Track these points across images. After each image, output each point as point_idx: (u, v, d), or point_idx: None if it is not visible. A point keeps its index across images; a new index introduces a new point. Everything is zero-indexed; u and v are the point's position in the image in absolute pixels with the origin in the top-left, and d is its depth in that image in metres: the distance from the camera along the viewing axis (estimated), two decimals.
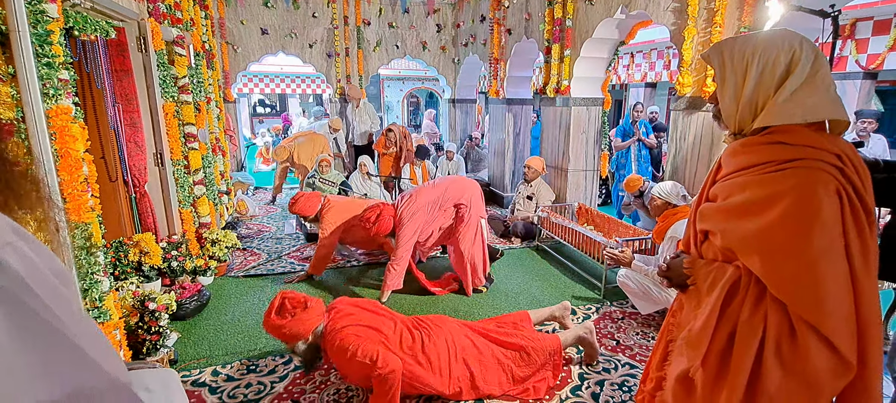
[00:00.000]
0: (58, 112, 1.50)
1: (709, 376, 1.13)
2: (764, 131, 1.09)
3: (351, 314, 2.09)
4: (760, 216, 1.03)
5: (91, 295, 1.67)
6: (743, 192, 1.08)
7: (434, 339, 2.14)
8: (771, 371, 1.04)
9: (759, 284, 1.06)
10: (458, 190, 3.27)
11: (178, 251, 3.24)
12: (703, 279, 1.17)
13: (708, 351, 1.13)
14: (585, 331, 2.47)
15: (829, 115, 1.04)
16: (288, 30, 6.66)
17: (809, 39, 1.07)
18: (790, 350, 1.02)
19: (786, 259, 1.00)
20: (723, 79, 1.15)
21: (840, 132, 1.09)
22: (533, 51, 5.40)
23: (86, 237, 1.61)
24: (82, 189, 1.60)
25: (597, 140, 4.66)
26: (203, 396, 2.24)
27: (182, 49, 3.39)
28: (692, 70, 3.09)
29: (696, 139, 3.13)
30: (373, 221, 3.13)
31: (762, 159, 1.07)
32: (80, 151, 1.61)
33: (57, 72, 1.52)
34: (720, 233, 1.13)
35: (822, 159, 1.00)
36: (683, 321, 1.26)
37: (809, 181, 0.98)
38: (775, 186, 1.02)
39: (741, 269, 1.09)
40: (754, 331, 1.05)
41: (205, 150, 3.80)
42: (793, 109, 1.03)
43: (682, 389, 1.20)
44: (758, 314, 1.06)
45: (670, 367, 1.28)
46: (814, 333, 0.99)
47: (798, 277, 0.99)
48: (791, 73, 1.04)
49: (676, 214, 2.74)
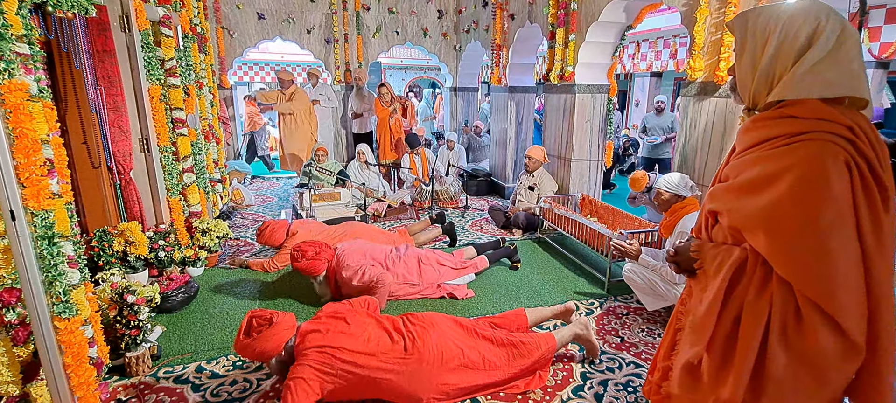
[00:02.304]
0: (11, 88, 1.36)
1: (714, 362, 1.10)
2: (777, 106, 1.04)
3: (317, 331, 1.97)
4: (766, 192, 0.99)
5: (55, 288, 1.55)
6: (751, 169, 1.04)
7: (419, 343, 2.01)
8: (776, 355, 1.00)
9: (765, 265, 1.01)
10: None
11: (165, 240, 3.12)
12: (710, 261, 1.13)
13: (713, 336, 1.09)
14: (581, 328, 2.34)
15: (846, 91, 0.98)
16: (285, 14, 6.49)
17: (839, 13, 0.99)
18: (796, 333, 0.98)
19: (791, 235, 0.95)
20: (742, 47, 1.10)
21: (859, 110, 1.01)
22: (536, 36, 5.22)
23: (47, 225, 1.49)
24: (42, 173, 1.47)
25: (602, 128, 4.50)
26: (185, 394, 2.13)
27: (169, 30, 3.24)
28: (704, 54, 2.93)
29: (707, 127, 2.97)
30: (305, 256, 2.85)
31: (772, 134, 1.02)
32: (40, 132, 1.48)
33: (11, 44, 1.38)
34: (727, 213, 1.09)
35: (832, 131, 0.95)
36: (692, 308, 1.22)
37: (817, 153, 0.94)
38: (782, 161, 0.98)
39: (748, 250, 1.05)
40: (760, 314, 1.02)
41: (195, 137, 3.67)
42: (809, 83, 0.98)
43: (688, 377, 1.17)
44: (763, 296, 1.02)
45: (677, 356, 1.24)
46: (819, 313, 0.94)
47: (804, 254, 0.94)
48: (812, 46, 0.98)
49: (685, 208, 2.60)
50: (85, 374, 1.68)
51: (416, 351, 1.98)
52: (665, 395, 1.26)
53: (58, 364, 1.60)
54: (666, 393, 1.26)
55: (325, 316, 2.10)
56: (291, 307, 2.98)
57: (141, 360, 2.23)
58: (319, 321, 2.06)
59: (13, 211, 1.39)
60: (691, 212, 2.56)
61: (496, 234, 4.51)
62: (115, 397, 2.10)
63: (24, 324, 1.59)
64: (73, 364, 1.63)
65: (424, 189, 5.41)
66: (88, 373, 1.70)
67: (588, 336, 2.34)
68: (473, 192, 6.09)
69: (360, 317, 2.11)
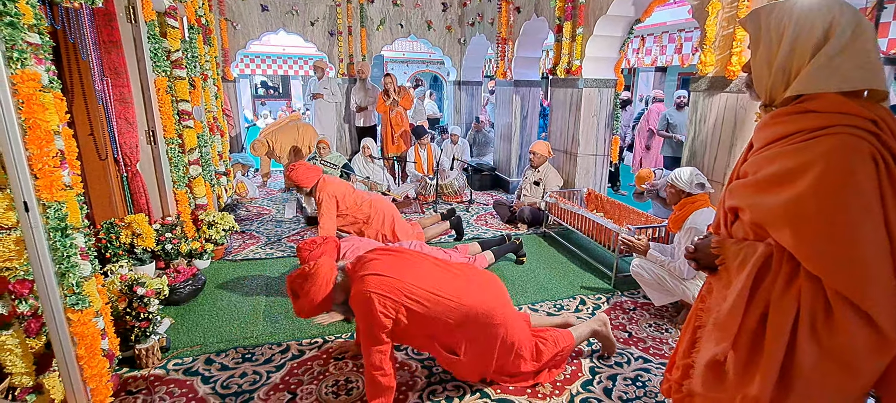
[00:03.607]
0: (24, 78, 1.35)
1: (740, 359, 1.08)
2: (795, 101, 1.03)
3: (374, 259, 1.88)
4: (790, 187, 0.98)
5: (68, 280, 1.54)
6: (772, 165, 1.03)
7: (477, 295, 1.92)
8: (806, 351, 0.99)
9: (791, 260, 1.00)
10: None
11: (172, 233, 3.12)
12: (732, 258, 1.12)
13: (739, 333, 1.08)
14: (599, 324, 2.33)
15: (865, 84, 0.97)
16: (289, 6, 6.43)
17: (853, 7, 0.99)
18: (826, 328, 0.97)
19: (819, 229, 0.94)
20: (757, 43, 1.09)
21: (879, 102, 1.01)
22: (542, 30, 5.18)
23: (60, 217, 1.48)
24: (55, 164, 1.45)
25: (608, 123, 4.48)
26: (195, 386, 2.13)
27: (175, 21, 3.22)
28: (715, 48, 2.90)
29: (717, 122, 2.95)
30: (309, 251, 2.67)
31: (792, 130, 1.02)
32: (52, 123, 1.46)
33: (23, 33, 1.37)
34: (749, 209, 1.08)
35: (854, 125, 0.94)
36: (713, 305, 1.20)
37: (841, 147, 0.93)
38: (805, 155, 0.97)
39: (773, 246, 1.03)
40: (788, 310, 1.00)
41: (200, 129, 3.65)
42: (827, 77, 0.97)
43: (712, 375, 1.15)
44: (791, 291, 1.00)
45: (699, 353, 1.23)
46: (851, 308, 0.93)
47: (833, 248, 0.93)
48: (828, 39, 0.97)
49: (695, 203, 2.58)
50: (97, 365, 1.68)
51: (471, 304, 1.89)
52: (687, 393, 1.25)
53: (71, 355, 1.60)
54: (688, 391, 1.24)
55: (378, 250, 2.01)
56: None
57: (150, 352, 2.23)
58: (373, 252, 1.97)
59: (26, 202, 1.39)
60: (701, 208, 2.55)
61: (501, 229, 4.50)
62: (126, 388, 2.10)
63: (36, 316, 1.58)
64: (86, 356, 1.63)
65: (429, 183, 5.40)
66: (101, 365, 1.70)
67: (606, 333, 2.34)
68: (477, 187, 6.07)
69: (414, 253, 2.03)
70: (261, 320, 2.72)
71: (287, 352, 2.40)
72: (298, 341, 2.50)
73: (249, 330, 2.62)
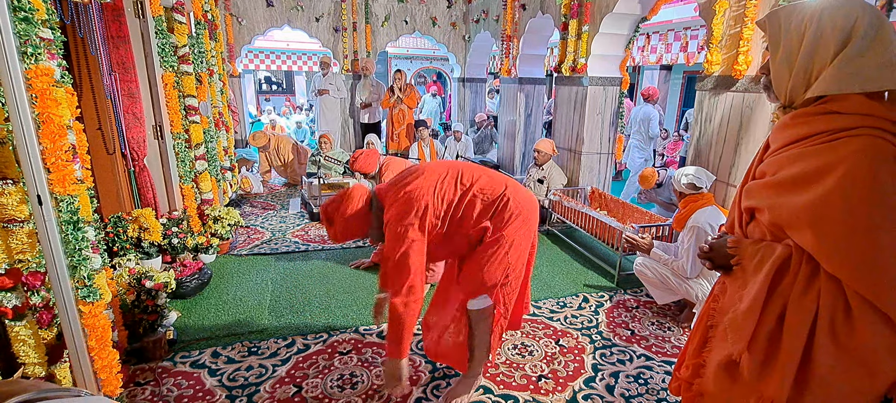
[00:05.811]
0: (38, 73, 1.37)
1: (756, 360, 1.08)
2: (816, 102, 1.03)
3: (401, 182, 1.81)
4: (812, 188, 0.97)
5: (79, 273, 1.56)
6: (793, 166, 1.03)
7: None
8: (824, 353, 0.99)
9: (811, 262, 1.00)
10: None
11: (178, 227, 3.15)
12: (749, 258, 1.11)
13: (755, 334, 1.08)
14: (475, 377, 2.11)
15: (888, 85, 0.96)
16: (294, 2, 6.45)
17: (875, 7, 1.01)
18: (845, 329, 0.97)
19: (841, 231, 0.94)
20: (776, 45, 1.08)
21: None
22: (548, 27, 5.17)
23: (72, 210, 1.50)
24: (67, 158, 1.48)
25: (613, 122, 4.47)
26: (202, 378, 2.16)
27: (182, 16, 3.23)
28: (722, 47, 2.90)
29: (722, 121, 2.94)
30: None
31: (814, 130, 1.01)
32: (64, 117, 1.48)
33: (36, 28, 1.39)
34: (768, 209, 1.07)
35: (878, 127, 0.94)
36: (727, 304, 1.20)
37: (864, 148, 0.93)
38: (827, 156, 0.97)
39: (792, 247, 1.03)
40: (807, 311, 1.00)
41: (207, 124, 3.68)
42: (850, 77, 0.96)
43: (725, 375, 1.15)
44: (810, 293, 1.00)
45: (711, 353, 1.22)
46: (871, 309, 0.93)
47: (854, 249, 0.93)
48: (851, 40, 0.97)
49: (699, 201, 2.59)
50: (108, 357, 1.70)
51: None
52: (697, 392, 1.25)
53: (82, 346, 1.63)
54: (698, 391, 1.24)
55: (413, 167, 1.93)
56: (306, 293, 3.00)
57: (158, 345, 2.26)
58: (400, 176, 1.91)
59: (40, 195, 1.41)
60: (704, 206, 2.56)
61: None
62: (133, 379, 2.13)
63: (48, 307, 1.61)
64: (97, 348, 1.66)
65: None
66: (111, 356, 1.73)
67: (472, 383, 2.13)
68: None
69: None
70: (266, 314, 2.75)
71: (292, 346, 2.42)
72: (303, 335, 2.53)
73: (255, 323, 2.64)
